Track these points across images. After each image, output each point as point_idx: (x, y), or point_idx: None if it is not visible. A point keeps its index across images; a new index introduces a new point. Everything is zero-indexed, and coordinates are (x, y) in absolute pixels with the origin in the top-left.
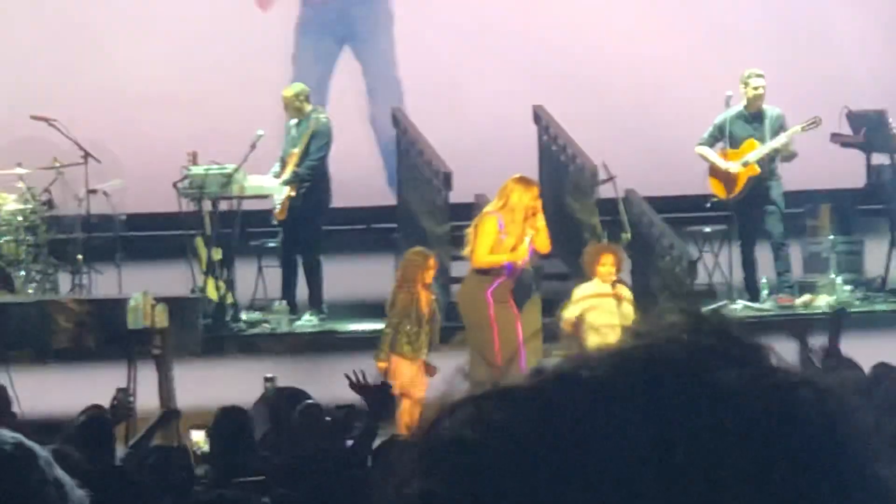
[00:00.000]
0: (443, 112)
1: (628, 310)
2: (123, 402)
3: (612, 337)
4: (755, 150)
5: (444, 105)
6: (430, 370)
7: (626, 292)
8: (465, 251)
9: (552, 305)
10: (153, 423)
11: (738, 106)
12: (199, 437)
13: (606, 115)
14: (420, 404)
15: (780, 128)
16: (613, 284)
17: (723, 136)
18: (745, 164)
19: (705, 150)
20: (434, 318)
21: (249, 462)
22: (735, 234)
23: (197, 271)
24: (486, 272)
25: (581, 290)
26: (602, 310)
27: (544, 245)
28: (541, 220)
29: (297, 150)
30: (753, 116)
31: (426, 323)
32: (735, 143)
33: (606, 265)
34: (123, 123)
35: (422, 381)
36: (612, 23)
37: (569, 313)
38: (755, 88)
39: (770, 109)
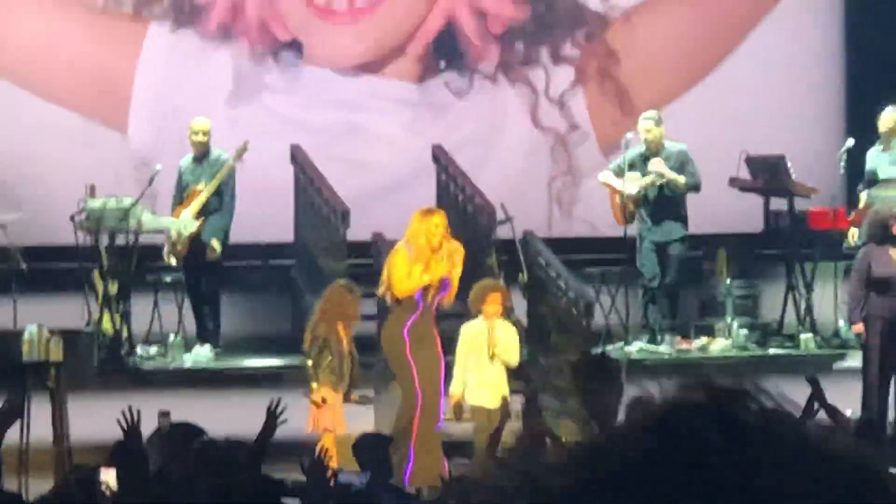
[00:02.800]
0: (341, 149)
1: (505, 344)
2: (15, 405)
3: (487, 372)
4: (641, 181)
5: (342, 143)
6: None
7: (507, 328)
8: (381, 290)
9: (451, 343)
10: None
11: (641, 146)
12: (108, 477)
13: (506, 156)
14: (341, 441)
15: (681, 163)
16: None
17: (623, 173)
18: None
19: (608, 176)
20: (353, 354)
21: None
22: (632, 275)
23: (93, 305)
24: (402, 309)
25: (465, 329)
26: (482, 348)
27: (453, 291)
28: (460, 257)
29: (200, 187)
30: (654, 155)
31: (346, 357)
32: None
33: (493, 304)
34: (20, 154)
35: (342, 417)
36: None
37: (455, 389)
38: (647, 130)
39: (671, 146)
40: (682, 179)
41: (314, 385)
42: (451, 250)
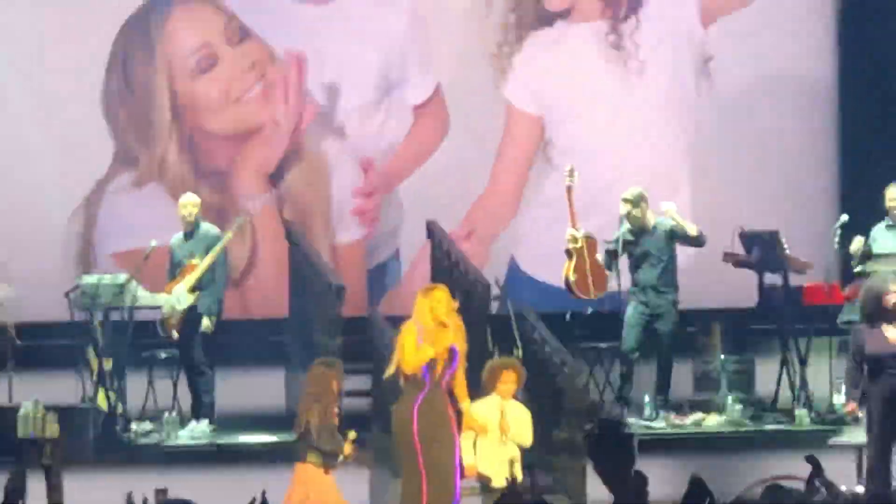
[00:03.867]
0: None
1: (517, 424)
2: (18, 483)
3: (497, 452)
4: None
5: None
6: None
7: (519, 408)
8: (391, 370)
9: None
10: None
11: (626, 226)
12: None
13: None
14: None
15: (670, 238)
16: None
17: (621, 251)
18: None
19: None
20: (347, 432)
21: None
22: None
23: (88, 381)
24: (411, 386)
25: (477, 407)
26: (492, 426)
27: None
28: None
29: (195, 261)
30: (642, 232)
31: (337, 437)
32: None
33: (507, 382)
34: (12, 229)
35: (334, 496)
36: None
37: (469, 460)
38: (626, 213)
39: (662, 223)
40: (693, 230)
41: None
42: (457, 326)
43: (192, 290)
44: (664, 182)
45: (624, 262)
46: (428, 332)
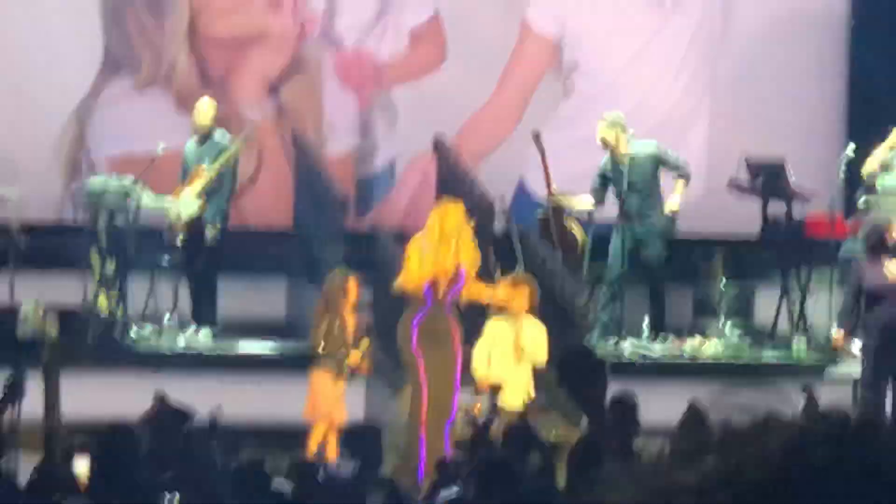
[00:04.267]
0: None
1: (533, 343)
2: (17, 382)
3: (510, 369)
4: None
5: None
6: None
7: (535, 325)
8: (396, 283)
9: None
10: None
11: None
12: (82, 466)
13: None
14: (337, 430)
15: (656, 165)
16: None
17: (607, 181)
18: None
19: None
20: (360, 341)
21: (134, 480)
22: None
23: (90, 283)
24: (413, 303)
25: (491, 325)
26: (507, 344)
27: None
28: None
29: (204, 167)
30: (619, 163)
31: (351, 346)
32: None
33: (520, 299)
34: (22, 129)
35: (341, 407)
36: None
37: (480, 373)
38: (600, 139)
39: (641, 149)
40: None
41: (316, 370)
42: (467, 244)
43: (199, 196)
44: (682, 116)
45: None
46: (432, 249)
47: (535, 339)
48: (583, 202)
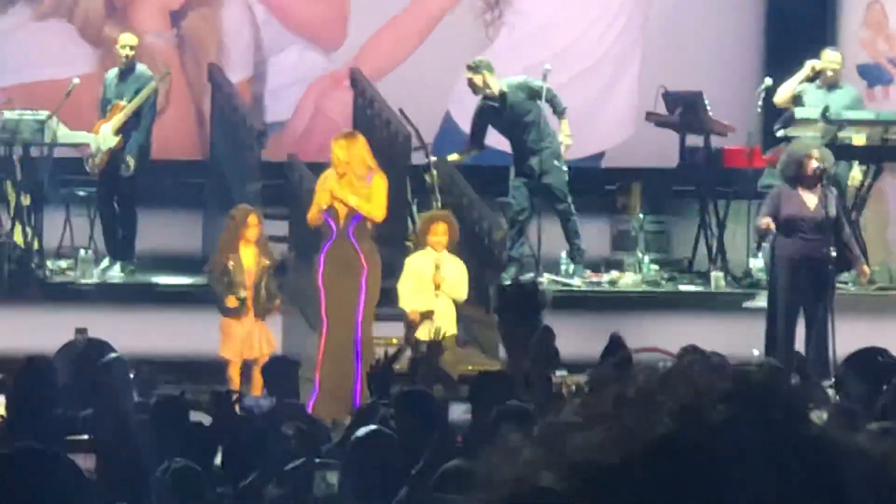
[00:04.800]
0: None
1: (452, 278)
2: None
3: (427, 304)
4: None
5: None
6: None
7: (454, 262)
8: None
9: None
10: None
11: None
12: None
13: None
14: (257, 369)
15: (528, 98)
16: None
17: (484, 125)
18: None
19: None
20: (265, 277)
21: (52, 415)
22: (543, 207)
23: (4, 216)
24: (320, 234)
25: (410, 261)
26: (426, 280)
27: (372, 211)
28: (376, 187)
29: (123, 102)
30: (489, 102)
31: (254, 282)
32: None
33: (438, 234)
34: None
35: (258, 342)
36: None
37: (408, 306)
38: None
39: (516, 86)
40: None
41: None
42: (356, 177)
43: (117, 132)
44: (615, 57)
45: None
46: (327, 180)
47: (454, 274)
48: (459, 155)
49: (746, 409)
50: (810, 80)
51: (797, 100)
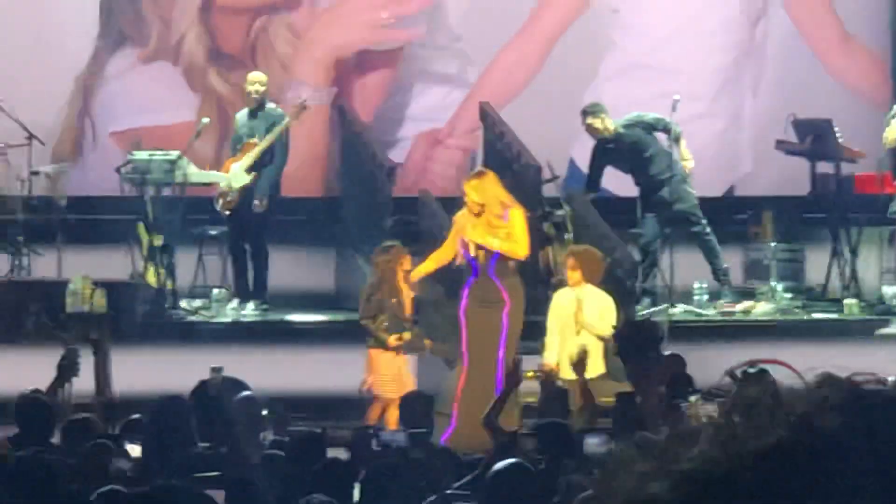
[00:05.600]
0: (389, 106)
1: (595, 315)
2: (72, 360)
3: (573, 344)
4: None
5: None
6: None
7: (597, 296)
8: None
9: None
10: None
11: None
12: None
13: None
14: (395, 405)
15: (647, 132)
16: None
17: (603, 168)
18: None
19: None
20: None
21: (187, 453)
22: (674, 238)
23: (137, 257)
24: (464, 271)
25: (556, 297)
26: (566, 317)
27: (515, 249)
28: (515, 224)
29: (255, 140)
30: (608, 143)
31: (408, 319)
32: None
33: (570, 270)
34: (69, 106)
35: (403, 381)
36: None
37: (547, 358)
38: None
39: (630, 124)
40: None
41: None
42: (493, 216)
43: (249, 170)
44: (729, 80)
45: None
46: (464, 222)
47: (595, 310)
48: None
49: (859, 419)
50: None
51: None
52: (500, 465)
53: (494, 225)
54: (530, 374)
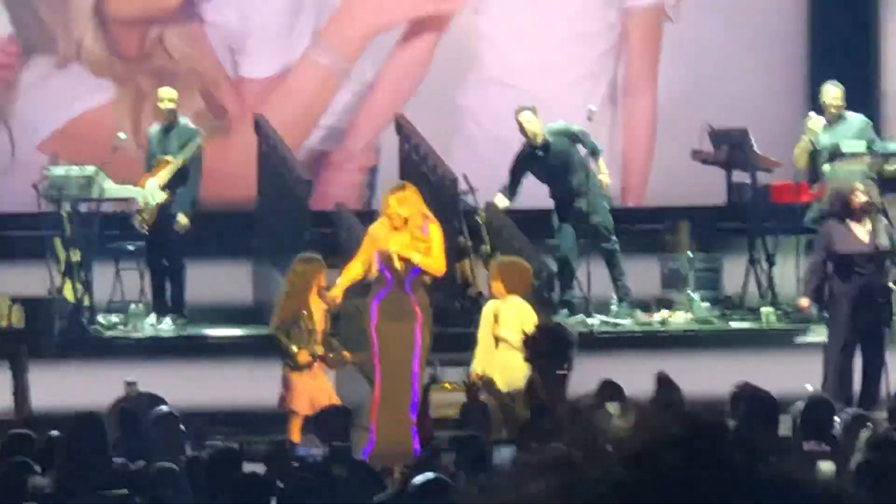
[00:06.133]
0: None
1: (507, 326)
2: None
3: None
4: None
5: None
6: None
7: (514, 306)
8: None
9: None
10: None
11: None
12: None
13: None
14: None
15: (571, 142)
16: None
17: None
18: None
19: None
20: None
21: (102, 469)
22: (591, 249)
23: (55, 273)
24: (375, 282)
25: (484, 308)
26: (488, 330)
27: (433, 266)
28: (434, 239)
29: (169, 157)
30: (539, 149)
31: (320, 333)
32: None
33: (492, 281)
34: None
35: (318, 396)
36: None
37: (474, 367)
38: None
39: (556, 131)
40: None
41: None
42: (415, 228)
43: (163, 188)
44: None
45: None
46: (379, 233)
47: (520, 322)
48: (501, 201)
49: (698, 453)
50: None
51: (814, 154)
52: (419, 479)
53: (416, 237)
54: (447, 385)
